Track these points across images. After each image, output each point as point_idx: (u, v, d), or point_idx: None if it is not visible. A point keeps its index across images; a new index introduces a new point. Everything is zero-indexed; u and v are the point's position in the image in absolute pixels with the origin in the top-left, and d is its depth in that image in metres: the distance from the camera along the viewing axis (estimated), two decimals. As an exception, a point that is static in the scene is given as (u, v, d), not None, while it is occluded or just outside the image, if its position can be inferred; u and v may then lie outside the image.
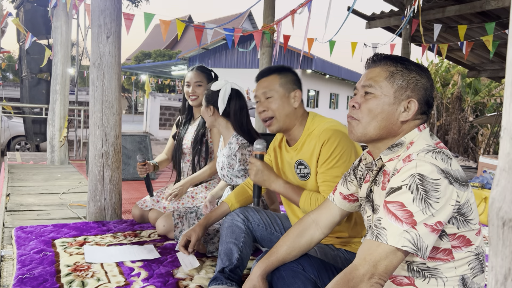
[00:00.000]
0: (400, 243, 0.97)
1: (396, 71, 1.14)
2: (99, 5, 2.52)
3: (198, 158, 2.56)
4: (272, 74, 1.70)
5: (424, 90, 1.14)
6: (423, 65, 1.23)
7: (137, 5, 15.00)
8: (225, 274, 1.60)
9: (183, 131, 2.66)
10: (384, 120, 1.13)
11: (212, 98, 2.21)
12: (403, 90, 1.13)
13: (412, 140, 1.12)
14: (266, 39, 4.58)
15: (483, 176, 3.45)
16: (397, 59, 1.17)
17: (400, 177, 1.02)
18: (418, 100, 1.13)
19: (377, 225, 1.02)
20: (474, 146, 12.35)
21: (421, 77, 1.14)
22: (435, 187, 0.97)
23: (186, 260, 1.78)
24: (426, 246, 0.97)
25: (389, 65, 1.15)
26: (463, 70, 11.83)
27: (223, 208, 1.83)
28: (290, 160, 1.72)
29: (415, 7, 4.73)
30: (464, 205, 1.02)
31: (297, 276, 1.31)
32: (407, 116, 1.12)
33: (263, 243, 1.80)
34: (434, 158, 1.01)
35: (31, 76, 6.05)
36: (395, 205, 1.00)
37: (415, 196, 0.98)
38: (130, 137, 4.46)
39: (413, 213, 0.97)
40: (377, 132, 1.14)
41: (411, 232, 0.97)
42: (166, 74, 26.32)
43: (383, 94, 1.13)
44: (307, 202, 1.56)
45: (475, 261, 1.07)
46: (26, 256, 1.93)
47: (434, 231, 0.98)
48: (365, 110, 1.14)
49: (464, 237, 1.04)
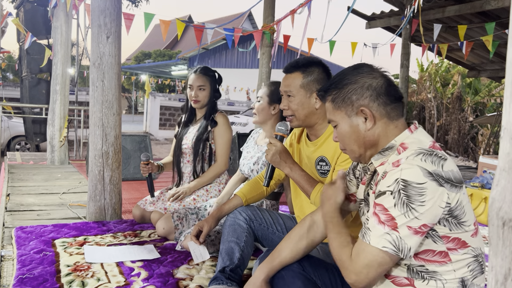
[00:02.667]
0: (381, 244, 1.00)
1: (334, 97, 1.17)
2: (99, 5, 2.52)
3: (201, 158, 2.56)
4: (297, 71, 1.65)
5: (366, 89, 1.13)
6: (353, 65, 1.23)
7: (137, 5, 14.99)
8: (225, 274, 1.59)
9: (183, 131, 2.66)
10: (356, 140, 1.16)
11: (277, 96, 2.20)
12: (349, 107, 1.14)
13: (403, 141, 1.11)
14: (266, 39, 4.57)
15: (483, 176, 3.45)
16: (332, 81, 1.19)
17: (386, 181, 1.03)
18: (368, 103, 1.12)
19: (365, 224, 1.07)
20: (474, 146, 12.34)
21: (355, 81, 1.15)
22: (419, 191, 0.98)
23: (197, 251, 1.77)
24: (409, 248, 0.99)
25: (329, 93, 1.18)
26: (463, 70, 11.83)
27: (236, 202, 1.82)
28: (310, 155, 1.68)
29: (415, 7, 4.73)
30: (456, 208, 1.01)
31: (297, 276, 1.31)
32: (369, 125, 1.13)
33: (264, 243, 1.80)
34: (424, 161, 1.01)
35: (31, 76, 6.05)
36: (380, 208, 1.03)
37: (397, 201, 0.99)
38: (130, 137, 4.45)
39: (395, 217, 1.00)
40: (360, 149, 1.17)
41: (392, 234, 0.99)
42: (166, 74, 26.31)
43: (340, 121, 1.17)
44: (319, 195, 1.53)
45: (474, 262, 1.06)
46: (26, 256, 1.93)
47: (418, 233, 0.99)
48: (341, 140, 1.19)
49: (459, 239, 1.04)
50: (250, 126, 11.26)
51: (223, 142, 2.55)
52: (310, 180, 1.58)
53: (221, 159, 2.55)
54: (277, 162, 1.60)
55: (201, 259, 1.76)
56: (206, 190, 2.56)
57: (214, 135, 2.55)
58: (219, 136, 2.55)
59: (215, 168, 2.55)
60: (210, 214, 1.82)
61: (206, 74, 2.56)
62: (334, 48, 5.50)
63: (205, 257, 1.75)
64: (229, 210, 1.81)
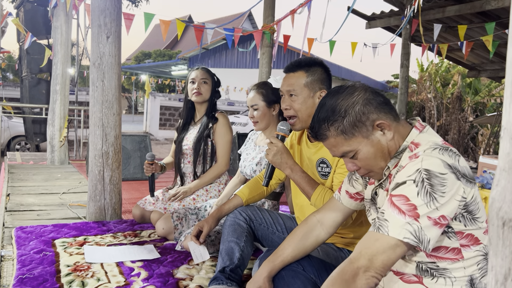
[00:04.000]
0: (402, 235, 0.96)
1: (341, 128, 1.10)
2: (99, 5, 2.52)
3: (202, 158, 2.55)
4: (300, 70, 1.62)
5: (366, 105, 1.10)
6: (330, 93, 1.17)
7: (137, 5, 14.98)
8: (225, 274, 1.59)
9: (183, 134, 2.66)
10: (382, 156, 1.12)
11: (275, 96, 2.20)
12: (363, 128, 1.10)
13: (413, 140, 1.11)
14: (266, 39, 4.57)
15: (483, 176, 3.45)
16: (324, 117, 1.12)
17: (406, 171, 1.01)
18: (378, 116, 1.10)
19: (380, 217, 1.02)
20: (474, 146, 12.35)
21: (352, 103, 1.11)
22: (441, 181, 0.97)
23: (197, 251, 1.77)
24: (429, 239, 0.97)
25: (329, 129, 1.12)
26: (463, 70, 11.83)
27: (236, 202, 1.82)
28: (311, 156, 1.66)
29: (415, 7, 4.73)
30: (471, 203, 1.01)
31: (297, 276, 1.31)
32: (389, 134, 1.11)
33: (264, 243, 1.80)
34: (442, 154, 1.01)
35: (31, 76, 6.05)
36: (399, 199, 0.99)
37: (420, 190, 0.97)
38: (130, 137, 4.46)
39: (417, 206, 0.97)
40: (386, 162, 1.13)
41: (413, 224, 0.96)
42: (166, 74, 26.32)
43: (359, 147, 1.11)
44: (320, 197, 1.52)
45: (484, 261, 1.06)
46: (26, 256, 1.93)
47: (437, 224, 0.97)
48: (365, 165, 1.13)
49: (472, 235, 1.04)
50: (250, 126, 11.25)
51: (224, 142, 2.55)
52: (311, 182, 1.56)
53: (222, 160, 2.56)
54: (278, 162, 1.57)
55: (201, 259, 1.76)
56: (206, 190, 2.56)
57: (215, 134, 2.55)
58: (220, 136, 2.55)
59: (215, 168, 2.56)
60: (210, 214, 1.82)
61: (208, 71, 2.60)
62: (334, 48, 5.50)
63: (205, 257, 1.75)
64: (229, 210, 1.81)
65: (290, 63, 1.66)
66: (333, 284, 0.97)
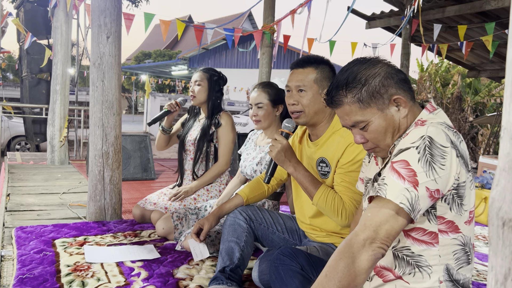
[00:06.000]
0: (398, 200, 0.97)
1: (359, 96, 1.10)
2: (99, 5, 2.52)
3: (204, 156, 2.55)
4: (310, 66, 1.61)
5: (389, 78, 1.10)
6: (356, 60, 1.17)
7: (137, 5, 14.98)
8: (225, 274, 1.59)
9: (188, 126, 2.67)
10: (392, 132, 1.11)
11: (279, 97, 2.21)
12: (380, 100, 1.09)
13: (421, 118, 1.10)
14: (266, 39, 4.57)
15: (483, 176, 3.45)
16: (344, 83, 1.12)
17: (410, 138, 1.02)
18: (397, 91, 1.10)
19: (380, 183, 1.02)
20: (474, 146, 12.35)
21: (374, 74, 1.10)
22: (442, 153, 0.98)
23: (197, 249, 1.77)
24: (420, 209, 0.98)
25: (346, 95, 1.11)
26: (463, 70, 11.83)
27: (237, 201, 1.81)
28: (311, 155, 1.66)
29: (415, 7, 4.73)
30: (462, 186, 1.02)
31: (295, 276, 1.31)
32: (404, 111, 1.11)
33: (264, 243, 1.80)
34: (447, 130, 1.02)
35: (31, 76, 6.05)
36: (400, 164, 1.00)
37: (421, 157, 0.98)
38: (130, 137, 4.45)
39: (417, 173, 0.97)
40: (393, 140, 1.12)
41: (411, 191, 0.97)
42: (166, 74, 26.32)
43: (372, 118, 1.10)
44: (323, 197, 1.49)
45: (461, 251, 1.07)
46: (26, 256, 1.93)
47: (431, 197, 0.98)
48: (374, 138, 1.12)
49: (452, 223, 1.05)
50: (250, 126, 11.25)
51: (226, 141, 2.55)
52: (314, 181, 1.53)
53: (223, 159, 2.56)
54: (281, 160, 1.54)
55: (201, 257, 1.76)
56: (206, 190, 2.57)
57: (218, 135, 2.56)
58: (223, 135, 2.55)
59: (216, 167, 2.56)
60: (211, 212, 1.81)
61: (205, 72, 2.59)
62: (334, 48, 5.50)
63: (205, 255, 1.75)
64: (230, 209, 1.80)
65: (300, 59, 1.65)
66: (340, 258, 0.96)
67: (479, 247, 2.61)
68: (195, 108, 2.71)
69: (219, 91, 2.61)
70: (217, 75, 2.61)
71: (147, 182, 4.26)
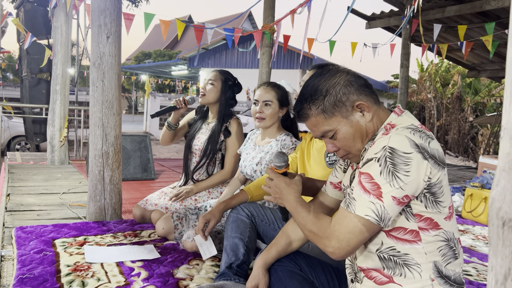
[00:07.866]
0: (363, 212, 1.01)
1: (322, 107, 1.13)
2: (99, 5, 2.52)
3: (211, 161, 2.54)
4: None
5: (348, 86, 1.13)
6: (314, 73, 1.22)
7: (137, 5, 14.99)
8: (232, 270, 1.60)
9: (195, 128, 2.65)
10: (360, 137, 1.14)
11: (286, 100, 2.22)
12: (343, 108, 1.12)
13: (390, 122, 1.13)
14: (266, 39, 4.57)
15: (483, 176, 3.45)
16: (307, 96, 1.15)
17: (374, 148, 1.05)
18: (358, 97, 1.13)
19: (350, 195, 1.07)
20: (474, 146, 12.35)
21: (333, 84, 1.13)
22: (405, 161, 1.00)
23: (204, 246, 1.76)
24: (390, 217, 1.02)
25: (310, 108, 1.15)
26: (463, 70, 11.83)
27: (243, 197, 1.81)
28: (320, 149, 1.75)
29: (415, 7, 4.73)
30: (435, 185, 1.03)
31: (294, 277, 1.31)
32: (368, 116, 1.13)
33: (266, 240, 1.81)
34: (412, 134, 1.03)
35: (31, 76, 6.05)
36: (365, 177, 1.04)
37: (383, 169, 1.01)
38: (130, 137, 4.45)
39: (380, 185, 1.01)
40: (364, 144, 1.15)
41: (376, 203, 1.01)
42: (166, 74, 26.31)
43: (338, 126, 1.14)
44: None
45: (446, 247, 1.08)
46: (26, 256, 1.93)
47: (400, 204, 1.02)
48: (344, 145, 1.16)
49: (431, 220, 1.06)
50: (250, 126, 11.25)
51: (234, 150, 2.53)
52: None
53: (228, 167, 2.54)
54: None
55: (209, 254, 1.74)
56: (208, 191, 2.57)
57: (227, 144, 2.54)
58: (232, 145, 2.53)
59: (220, 175, 2.55)
60: (216, 206, 1.79)
61: (221, 73, 2.56)
62: (334, 48, 5.50)
63: (212, 252, 1.74)
64: (235, 205, 1.80)
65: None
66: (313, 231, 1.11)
67: (479, 247, 2.61)
68: (203, 108, 2.69)
69: (232, 99, 2.56)
70: (232, 80, 2.57)
71: (147, 182, 4.26)
